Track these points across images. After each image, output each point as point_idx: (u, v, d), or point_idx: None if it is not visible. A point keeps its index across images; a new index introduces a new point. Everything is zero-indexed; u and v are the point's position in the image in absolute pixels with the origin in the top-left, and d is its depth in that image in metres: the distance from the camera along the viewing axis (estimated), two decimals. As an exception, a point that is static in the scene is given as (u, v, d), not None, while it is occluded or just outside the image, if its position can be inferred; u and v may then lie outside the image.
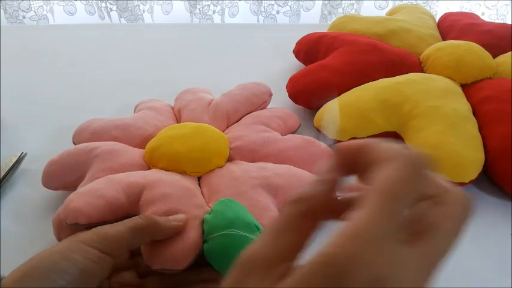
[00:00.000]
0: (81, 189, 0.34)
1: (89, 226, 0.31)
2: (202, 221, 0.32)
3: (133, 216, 0.33)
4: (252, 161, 0.41)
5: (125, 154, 0.40)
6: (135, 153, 0.41)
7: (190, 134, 0.41)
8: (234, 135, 0.44)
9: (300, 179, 0.38)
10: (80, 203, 0.32)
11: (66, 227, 0.32)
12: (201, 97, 0.50)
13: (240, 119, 0.48)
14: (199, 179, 0.39)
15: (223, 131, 0.45)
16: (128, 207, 0.33)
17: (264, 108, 0.50)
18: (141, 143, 0.43)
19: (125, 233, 0.28)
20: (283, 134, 0.45)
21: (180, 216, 0.32)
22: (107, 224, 0.31)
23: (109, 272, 0.27)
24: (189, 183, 0.37)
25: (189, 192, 0.35)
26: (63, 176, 0.39)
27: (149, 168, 0.40)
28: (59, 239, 0.33)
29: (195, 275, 0.31)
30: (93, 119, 0.46)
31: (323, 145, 0.43)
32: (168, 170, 0.39)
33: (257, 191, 0.36)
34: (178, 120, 0.49)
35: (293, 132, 0.48)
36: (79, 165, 0.39)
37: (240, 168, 0.39)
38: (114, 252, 0.27)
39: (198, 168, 0.39)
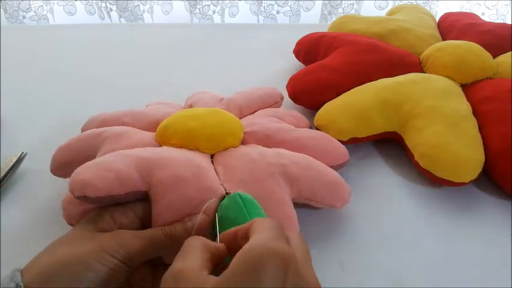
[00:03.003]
0: (90, 162, 0.33)
1: (97, 199, 0.30)
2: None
3: (143, 192, 0.32)
4: (267, 147, 0.40)
5: (134, 136, 0.39)
6: (145, 135, 0.40)
7: (205, 114, 0.41)
8: (249, 122, 0.44)
9: (317, 171, 0.37)
10: (88, 175, 0.30)
11: (75, 213, 0.32)
12: (213, 95, 0.51)
13: (253, 113, 0.48)
14: (212, 157, 0.39)
15: None
16: (139, 182, 0.32)
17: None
18: (151, 127, 0.42)
19: (147, 247, 0.29)
20: None
21: (199, 218, 0.31)
22: (116, 198, 0.31)
23: (128, 276, 0.28)
24: (202, 161, 0.36)
25: (201, 172, 0.34)
26: (72, 161, 0.37)
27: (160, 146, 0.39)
28: (70, 223, 0.33)
29: None
30: (102, 112, 0.46)
31: (337, 141, 0.43)
32: (180, 147, 0.38)
33: (274, 179, 0.35)
34: None
35: None
36: (88, 149, 0.38)
37: (256, 151, 0.38)
38: (133, 263, 0.28)
39: (211, 145, 0.38)
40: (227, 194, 0.33)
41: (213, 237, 0.29)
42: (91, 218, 0.31)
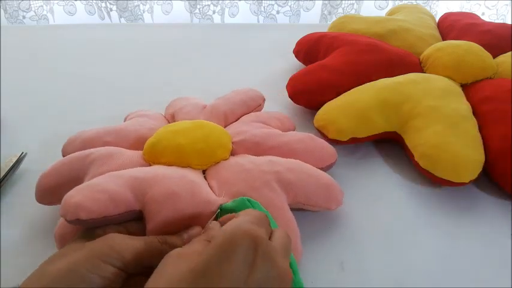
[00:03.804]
0: (80, 185, 0.32)
1: (91, 222, 0.29)
2: (216, 214, 0.32)
3: (137, 211, 0.32)
4: (256, 155, 0.40)
5: (122, 156, 0.38)
6: (133, 154, 0.39)
7: (191, 128, 0.40)
8: (235, 131, 0.43)
9: (310, 175, 0.37)
10: (80, 198, 0.29)
11: (70, 238, 0.31)
12: (194, 102, 0.50)
13: (237, 120, 0.48)
14: (204, 172, 0.38)
15: None
16: (133, 201, 0.32)
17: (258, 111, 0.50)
18: (137, 145, 0.41)
19: (141, 249, 0.28)
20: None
21: (195, 230, 0.31)
22: (109, 219, 0.30)
23: (122, 283, 0.27)
24: (195, 177, 0.36)
25: (196, 187, 0.34)
26: (59, 188, 0.36)
27: (150, 166, 0.38)
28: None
29: None
30: (82, 131, 0.44)
31: (324, 141, 0.43)
32: (171, 165, 0.37)
33: (271, 187, 0.35)
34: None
35: None
36: (74, 173, 0.37)
37: (248, 160, 0.38)
38: (127, 267, 0.27)
39: (202, 161, 0.38)
40: None
41: None
42: (83, 234, 0.30)
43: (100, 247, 0.27)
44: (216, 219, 0.31)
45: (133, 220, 0.32)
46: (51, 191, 0.37)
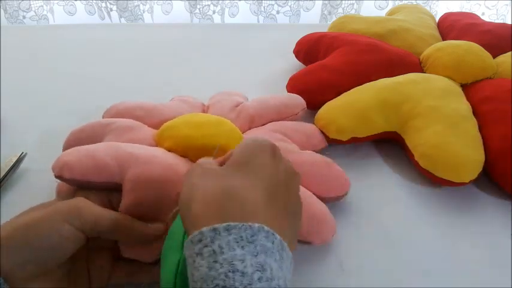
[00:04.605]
0: (79, 147, 0.35)
1: (72, 181, 0.32)
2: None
3: (118, 184, 0.33)
4: None
5: (138, 132, 0.41)
6: (148, 132, 0.41)
7: (207, 123, 0.41)
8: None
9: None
10: (69, 158, 0.33)
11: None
12: (232, 99, 0.50)
13: (264, 125, 0.47)
14: None
15: (243, 133, 0.44)
16: (116, 173, 0.33)
17: (293, 120, 0.48)
18: (159, 125, 0.43)
19: (101, 221, 0.28)
20: (303, 150, 0.43)
21: (159, 226, 0.31)
22: (92, 184, 0.32)
23: (79, 246, 0.28)
24: (184, 169, 0.36)
25: (178, 179, 0.34)
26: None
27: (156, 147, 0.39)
28: None
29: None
30: (124, 101, 0.47)
31: (341, 170, 0.41)
32: (171, 151, 0.38)
33: None
34: None
35: (316, 152, 0.45)
36: (94, 137, 0.40)
37: None
38: (86, 231, 0.28)
39: (200, 156, 0.37)
40: None
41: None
42: (67, 195, 0.32)
43: (63, 207, 0.28)
44: (175, 216, 0.30)
45: (118, 191, 0.33)
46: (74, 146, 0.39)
